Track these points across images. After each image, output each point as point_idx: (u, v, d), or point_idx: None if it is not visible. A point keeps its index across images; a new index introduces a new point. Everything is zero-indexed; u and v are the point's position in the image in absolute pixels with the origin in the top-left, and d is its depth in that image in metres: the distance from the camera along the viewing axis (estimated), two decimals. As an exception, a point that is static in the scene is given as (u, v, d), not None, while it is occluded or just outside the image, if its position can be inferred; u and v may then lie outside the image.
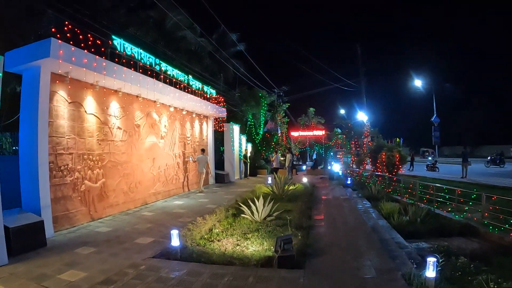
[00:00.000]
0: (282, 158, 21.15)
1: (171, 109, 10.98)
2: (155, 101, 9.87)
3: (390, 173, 14.47)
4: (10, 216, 5.31)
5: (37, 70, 6.02)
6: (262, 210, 7.50)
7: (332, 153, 24.93)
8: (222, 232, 6.59)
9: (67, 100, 6.76)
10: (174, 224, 7.21)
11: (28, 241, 5.29)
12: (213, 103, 14.02)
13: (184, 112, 11.90)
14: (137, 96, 8.94)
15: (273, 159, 22.75)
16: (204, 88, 12.92)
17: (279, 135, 26.28)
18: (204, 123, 14.86)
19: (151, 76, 8.77)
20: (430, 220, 7.91)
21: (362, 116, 25.97)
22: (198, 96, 12.28)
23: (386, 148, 15.41)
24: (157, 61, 9.14)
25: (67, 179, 6.69)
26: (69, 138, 6.79)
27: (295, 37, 71.90)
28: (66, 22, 6.34)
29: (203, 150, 13.30)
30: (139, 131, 9.28)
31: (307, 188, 12.65)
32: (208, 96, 13.36)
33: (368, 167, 18.58)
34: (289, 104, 28.86)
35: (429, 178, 14.80)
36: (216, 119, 15.83)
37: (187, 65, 17.30)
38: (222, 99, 15.78)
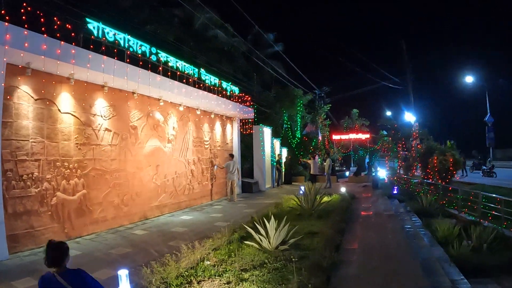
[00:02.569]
0: (325, 163, 19.03)
1: (181, 108, 9.53)
2: (158, 99, 8.53)
3: (442, 180, 12.23)
4: None
5: (-12, 61, 4.96)
6: (274, 235, 5.64)
7: (377, 158, 21.97)
8: (215, 266, 4.87)
9: (32, 97, 5.61)
10: (159, 250, 5.67)
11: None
12: (235, 101, 12.42)
13: (198, 112, 10.42)
14: (132, 93, 7.65)
15: (309, 162, 20.56)
16: (222, 84, 11.35)
17: (320, 138, 24.01)
18: (228, 125, 13.33)
19: (145, 68, 7.37)
20: (500, 246, 5.96)
21: (409, 117, 22.80)
22: (215, 94, 10.75)
23: (437, 152, 12.88)
24: (153, 50, 7.68)
25: (31, 190, 5.52)
26: (34, 142, 5.63)
27: (338, 35, 67.88)
28: (24, 4, 5.18)
29: (232, 155, 11.82)
30: (137, 134, 7.94)
31: (344, 200, 10.40)
32: (228, 94, 11.79)
33: (417, 173, 15.85)
34: (330, 106, 26.51)
35: (487, 186, 12.19)
36: (242, 120, 14.22)
37: (214, 65, 16.13)
38: (249, 98, 14.12)
